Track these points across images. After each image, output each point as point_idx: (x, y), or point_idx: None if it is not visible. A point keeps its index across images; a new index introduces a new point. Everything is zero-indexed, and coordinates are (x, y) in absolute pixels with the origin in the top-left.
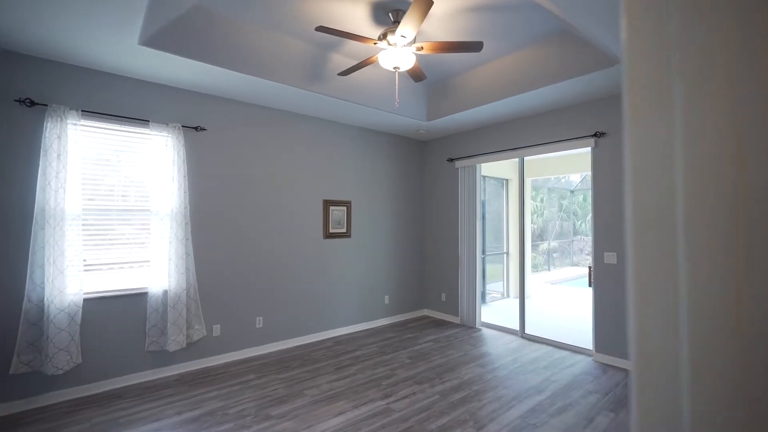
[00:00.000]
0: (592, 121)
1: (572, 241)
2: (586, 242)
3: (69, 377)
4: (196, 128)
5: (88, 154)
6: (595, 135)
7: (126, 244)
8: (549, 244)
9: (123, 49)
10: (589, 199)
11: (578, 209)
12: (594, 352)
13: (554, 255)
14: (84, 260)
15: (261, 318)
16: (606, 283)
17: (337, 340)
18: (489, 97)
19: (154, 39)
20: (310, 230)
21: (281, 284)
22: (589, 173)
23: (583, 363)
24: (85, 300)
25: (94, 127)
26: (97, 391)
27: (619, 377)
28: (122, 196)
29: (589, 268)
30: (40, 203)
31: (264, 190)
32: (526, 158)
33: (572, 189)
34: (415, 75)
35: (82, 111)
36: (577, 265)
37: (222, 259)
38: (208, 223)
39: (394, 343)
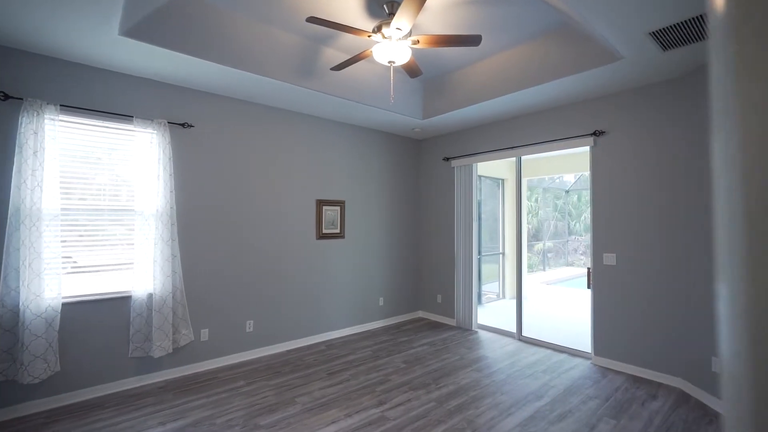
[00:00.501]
0: (591, 120)
1: (567, 241)
2: (580, 242)
3: (46, 386)
4: (183, 125)
5: (68, 151)
6: (594, 134)
7: (108, 245)
8: (544, 244)
9: (103, 40)
10: (584, 199)
11: (572, 209)
12: (593, 355)
13: (549, 255)
14: (75, 261)
15: (251, 321)
16: (605, 285)
17: (330, 344)
18: (486, 94)
19: (136, 29)
20: (302, 231)
21: (273, 287)
22: (584, 173)
23: (581, 367)
24: (64, 304)
25: (73, 122)
26: (76, 400)
27: (618, 381)
28: (104, 195)
29: (588, 269)
30: (15, 202)
31: (255, 190)
32: (523, 157)
33: (567, 189)
34: (411, 70)
35: (61, 106)
36: (571, 265)
37: (211, 260)
38: (196, 224)
39: (389, 347)
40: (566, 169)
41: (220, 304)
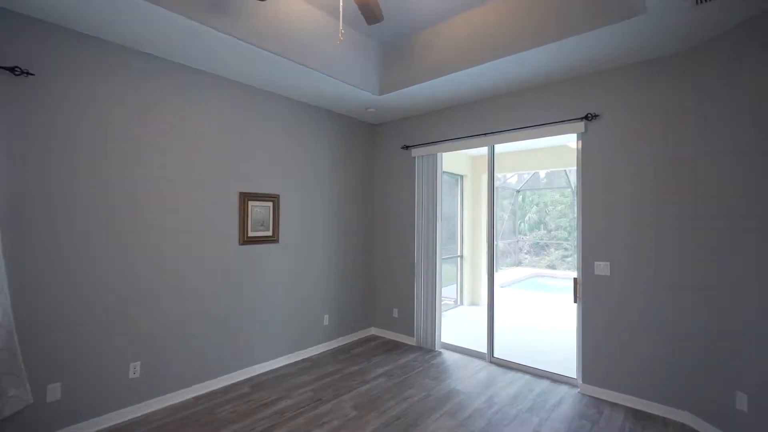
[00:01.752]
0: (581, 102)
1: (517, 240)
2: (525, 241)
3: None
4: (12, 70)
5: None
6: (585, 118)
7: None
8: (497, 244)
9: None
10: (528, 200)
11: (517, 209)
12: (580, 382)
13: (501, 255)
14: None
15: (138, 363)
16: (596, 300)
17: (257, 383)
18: (456, 64)
19: None
20: (219, 233)
21: (172, 311)
22: (528, 173)
23: (570, 399)
24: None
25: None
26: None
27: (619, 420)
28: None
29: (575, 280)
30: None
31: (141, 175)
32: (475, 153)
33: (518, 189)
34: (368, 9)
35: None
36: (519, 264)
37: (68, 277)
38: (40, 228)
39: (335, 382)
40: (528, 166)
41: (85, 342)
